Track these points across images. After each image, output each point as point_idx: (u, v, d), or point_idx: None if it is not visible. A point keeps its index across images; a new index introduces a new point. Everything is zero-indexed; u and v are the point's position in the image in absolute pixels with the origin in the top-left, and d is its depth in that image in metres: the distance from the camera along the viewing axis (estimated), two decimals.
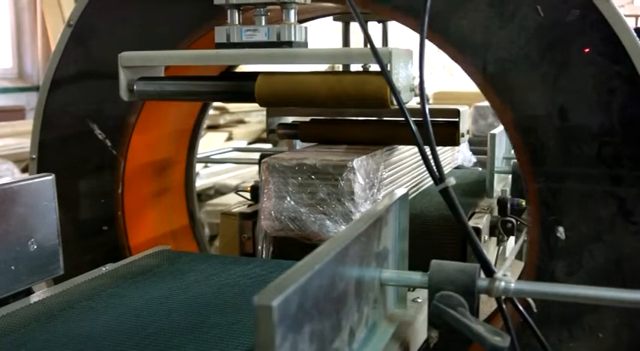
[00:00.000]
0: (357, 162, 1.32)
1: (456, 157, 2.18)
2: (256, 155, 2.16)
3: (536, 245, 1.24)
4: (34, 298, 1.05)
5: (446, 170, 1.87)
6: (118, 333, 0.92)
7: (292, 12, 1.17)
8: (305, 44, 1.20)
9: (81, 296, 1.06)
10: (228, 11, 1.19)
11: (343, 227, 1.24)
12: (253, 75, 1.14)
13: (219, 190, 3.56)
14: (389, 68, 1.06)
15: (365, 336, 0.90)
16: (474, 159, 2.24)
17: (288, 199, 1.31)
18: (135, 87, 1.22)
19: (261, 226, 1.34)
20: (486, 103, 1.53)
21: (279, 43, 1.16)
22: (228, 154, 2.99)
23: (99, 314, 0.98)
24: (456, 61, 1.28)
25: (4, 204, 1.08)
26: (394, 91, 1.08)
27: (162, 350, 0.87)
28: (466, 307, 0.86)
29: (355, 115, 1.82)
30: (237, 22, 1.19)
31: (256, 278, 1.13)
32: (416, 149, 1.27)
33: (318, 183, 1.30)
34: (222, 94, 1.21)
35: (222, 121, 5.53)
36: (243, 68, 2.19)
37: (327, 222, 1.29)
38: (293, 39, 1.16)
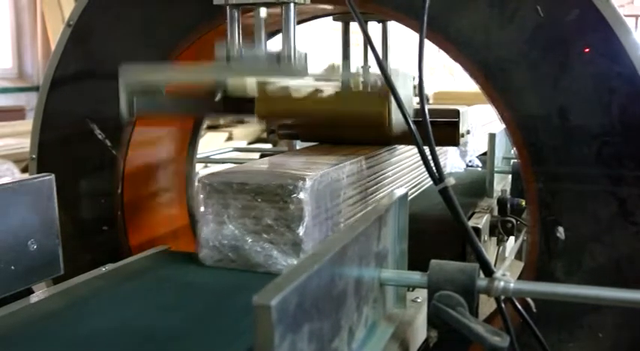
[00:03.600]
0: (310, 180, 1.12)
1: (444, 164, 2.05)
2: (256, 155, 2.17)
3: (536, 245, 1.24)
4: (34, 298, 1.05)
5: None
6: (118, 333, 0.92)
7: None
8: (305, 68, 1.20)
9: (81, 296, 1.06)
10: (228, 11, 1.19)
11: (293, 260, 1.09)
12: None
13: None
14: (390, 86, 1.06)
15: (364, 336, 0.90)
16: (462, 165, 2.19)
17: (229, 224, 1.14)
18: (136, 104, 1.23)
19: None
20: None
21: (279, 60, 1.16)
22: (228, 154, 3.00)
23: (99, 315, 0.98)
24: (456, 61, 1.28)
25: (4, 204, 1.08)
26: (394, 92, 1.08)
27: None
28: (465, 307, 0.86)
29: None
30: (236, 24, 1.19)
31: (258, 279, 1.13)
32: (397, 158, 1.27)
33: (263, 206, 1.12)
34: (222, 109, 1.21)
35: (222, 121, 5.54)
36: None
37: (275, 252, 1.11)
38: (293, 57, 1.16)
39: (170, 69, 1.28)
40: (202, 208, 1.15)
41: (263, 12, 1.14)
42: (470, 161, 2.23)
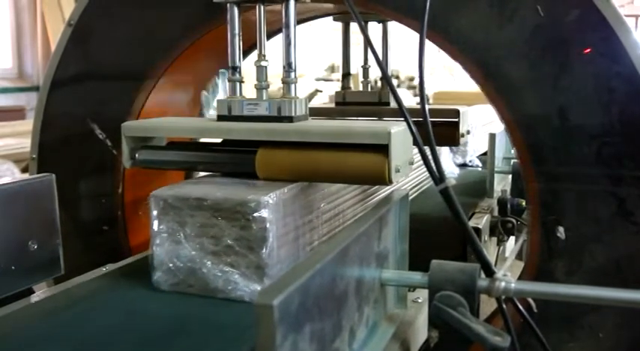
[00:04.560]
0: (275, 196, 1.02)
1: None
2: None
3: (537, 245, 1.24)
4: (35, 298, 1.05)
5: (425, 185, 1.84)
6: (119, 334, 0.92)
7: (292, 87, 1.19)
8: (305, 117, 1.21)
9: (81, 296, 1.06)
10: (228, 9, 1.19)
11: (256, 286, 0.99)
12: (256, 143, 1.16)
13: None
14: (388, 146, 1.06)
15: (365, 336, 0.90)
16: (456, 170, 2.17)
17: (186, 244, 1.03)
18: (137, 156, 1.24)
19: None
20: None
21: (279, 118, 1.17)
22: None
23: (99, 315, 0.98)
24: (457, 61, 1.28)
25: (4, 204, 1.08)
26: (390, 83, 1.08)
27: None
28: (466, 307, 0.86)
29: (356, 115, 1.82)
30: (236, 22, 1.19)
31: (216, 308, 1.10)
32: None
33: (223, 225, 1.01)
34: (222, 165, 1.22)
35: None
36: None
37: (236, 277, 1.00)
38: (293, 114, 1.17)
39: (171, 123, 1.30)
40: (155, 226, 1.05)
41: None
42: (470, 161, 2.23)
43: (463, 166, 2.22)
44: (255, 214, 0.98)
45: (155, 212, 1.05)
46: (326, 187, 1.20)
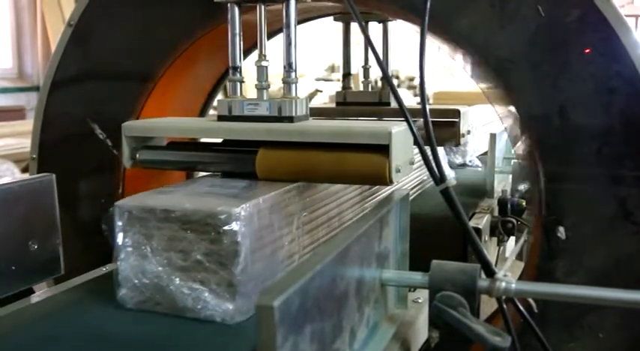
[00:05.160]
0: (248, 207, 0.93)
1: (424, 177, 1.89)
2: None
3: (537, 245, 1.24)
4: (35, 298, 1.05)
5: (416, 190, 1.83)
6: (118, 334, 0.92)
7: (293, 87, 1.19)
8: (306, 117, 1.21)
9: (81, 296, 1.06)
10: (229, 9, 1.19)
11: (228, 305, 0.91)
12: (256, 144, 1.16)
13: None
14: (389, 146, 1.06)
15: (366, 336, 0.90)
16: (452, 173, 2.15)
17: (152, 259, 0.95)
18: (138, 156, 1.25)
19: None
20: None
21: (280, 118, 1.17)
22: None
23: (99, 314, 0.98)
24: (457, 61, 1.28)
25: (4, 204, 1.08)
26: (390, 83, 1.08)
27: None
28: (467, 308, 0.86)
29: (356, 115, 1.82)
30: (237, 22, 1.19)
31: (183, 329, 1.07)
32: None
33: (192, 238, 0.93)
34: (222, 165, 1.22)
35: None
36: None
37: (206, 295, 0.92)
38: (294, 114, 1.17)
39: (171, 123, 1.30)
40: (120, 239, 0.97)
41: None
42: (470, 161, 2.23)
43: (463, 166, 2.22)
44: (226, 227, 0.90)
45: (120, 224, 0.97)
46: (308, 196, 1.13)
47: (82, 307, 1.02)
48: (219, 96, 1.69)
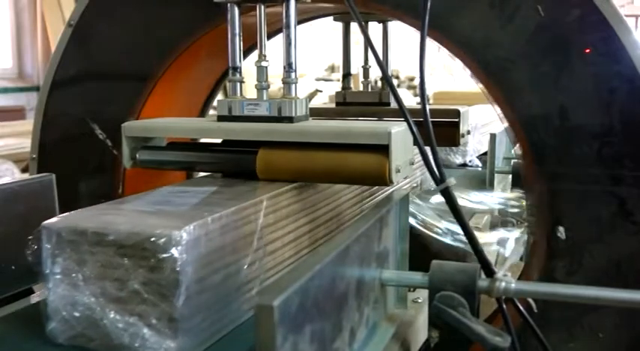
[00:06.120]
0: (194, 228, 0.82)
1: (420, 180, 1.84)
2: None
3: (537, 245, 1.24)
4: (35, 298, 1.05)
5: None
6: None
7: (293, 87, 1.19)
8: (306, 117, 1.21)
9: (8, 328, 0.95)
10: (229, 9, 1.19)
11: (170, 343, 0.80)
12: (256, 144, 1.16)
13: None
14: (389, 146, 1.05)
15: (365, 336, 0.90)
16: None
17: (85, 289, 0.83)
18: (138, 156, 1.25)
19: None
20: None
21: (280, 119, 1.17)
22: None
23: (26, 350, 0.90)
24: (457, 61, 1.28)
25: (4, 204, 1.08)
26: (390, 83, 1.08)
27: None
28: (467, 308, 0.86)
29: (356, 115, 1.82)
30: (237, 22, 1.19)
31: None
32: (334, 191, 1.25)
33: (128, 265, 0.81)
34: (222, 165, 1.22)
35: None
36: None
37: (145, 331, 0.80)
38: (294, 114, 1.17)
39: (171, 123, 1.30)
40: (48, 266, 0.85)
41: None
42: (470, 161, 2.23)
43: (463, 166, 2.22)
44: (165, 254, 0.78)
45: (48, 247, 0.85)
46: (271, 212, 1.01)
47: (6, 341, 0.90)
48: (219, 96, 1.69)
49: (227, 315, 0.90)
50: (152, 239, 0.79)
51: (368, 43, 1.16)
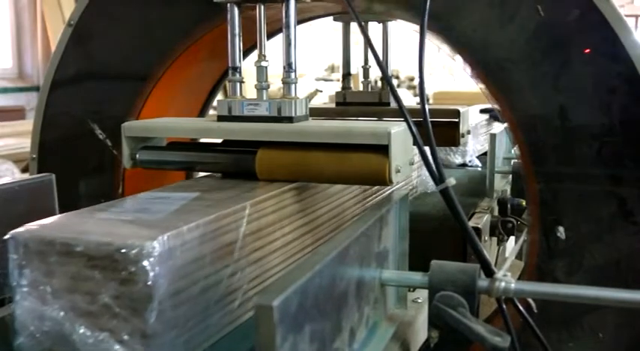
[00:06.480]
0: (168, 239, 0.77)
1: (416, 182, 1.80)
2: None
3: (537, 245, 1.24)
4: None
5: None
6: None
7: (293, 87, 1.19)
8: (305, 117, 1.21)
9: None
10: (229, 9, 1.19)
11: None
12: (256, 144, 1.16)
13: None
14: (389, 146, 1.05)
15: (365, 336, 0.90)
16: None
17: (53, 303, 0.78)
18: (137, 156, 1.25)
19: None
20: None
21: (279, 119, 1.17)
22: None
23: None
24: (457, 61, 1.28)
25: (4, 204, 1.08)
26: (390, 83, 1.08)
27: None
28: (466, 308, 0.86)
29: (356, 115, 1.82)
30: (237, 22, 1.19)
31: None
32: (332, 190, 1.25)
33: (99, 278, 0.76)
34: (222, 165, 1.22)
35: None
36: None
37: (116, 348, 0.76)
38: (293, 114, 1.17)
39: (171, 123, 1.30)
40: (16, 278, 0.80)
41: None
42: (470, 161, 2.23)
43: (462, 166, 2.22)
44: (136, 266, 0.74)
45: (15, 258, 0.79)
46: (255, 219, 0.96)
47: None
48: (219, 96, 1.69)
49: (206, 330, 0.85)
50: (123, 250, 0.74)
51: (368, 43, 1.16)
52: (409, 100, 6.85)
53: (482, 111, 2.35)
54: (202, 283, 0.84)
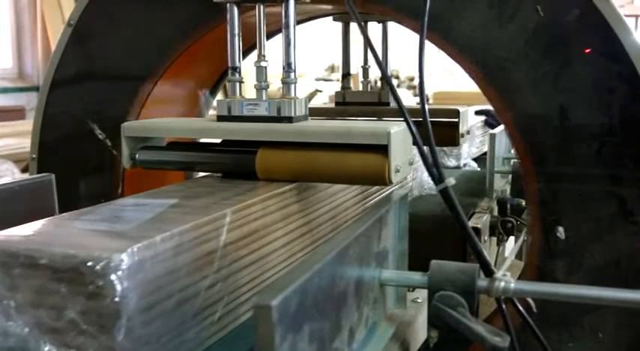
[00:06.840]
0: (138, 250, 0.72)
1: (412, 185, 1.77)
2: None
3: (536, 245, 1.24)
4: None
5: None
6: None
7: (292, 87, 1.19)
8: (305, 117, 1.21)
9: None
10: (228, 9, 1.19)
11: None
12: (255, 144, 1.16)
13: None
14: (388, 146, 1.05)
15: (365, 336, 0.90)
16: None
17: (17, 319, 0.74)
18: (137, 156, 1.25)
19: None
20: None
21: (279, 119, 1.17)
22: None
23: None
24: (456, 61, 1.28)
25: (4, 204, 1.08)
26: (389, 83, 1.08)
27: None
28: (466, 308, 0.86)
29: (356, 115, 1.82)
30: (236, 22, 1.19)
31: None
32: (324, 193, 1.24)
33: (65, 292, 0.71)
34: (222, 165, 1.22)
35: None
36: None
37: None
38: (293, 114, 1.17)
39: (171, 123, 1.30)
40: None
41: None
42: (465, 165, 2.23)
43: (457, 169, 2.22)
44: (104, 280, 0.69)
45: None
46: (235, 228, 0.91)
47: None
48: (219, 96, 1.69)
49: (182, 345, 0.80)
50: (89, 263, 0.69)
51: (367, 43, 1.16)
52: (409, 100, 6.85)
53: (478, 112, 2.35)
54: (177, 296, 0.78)
